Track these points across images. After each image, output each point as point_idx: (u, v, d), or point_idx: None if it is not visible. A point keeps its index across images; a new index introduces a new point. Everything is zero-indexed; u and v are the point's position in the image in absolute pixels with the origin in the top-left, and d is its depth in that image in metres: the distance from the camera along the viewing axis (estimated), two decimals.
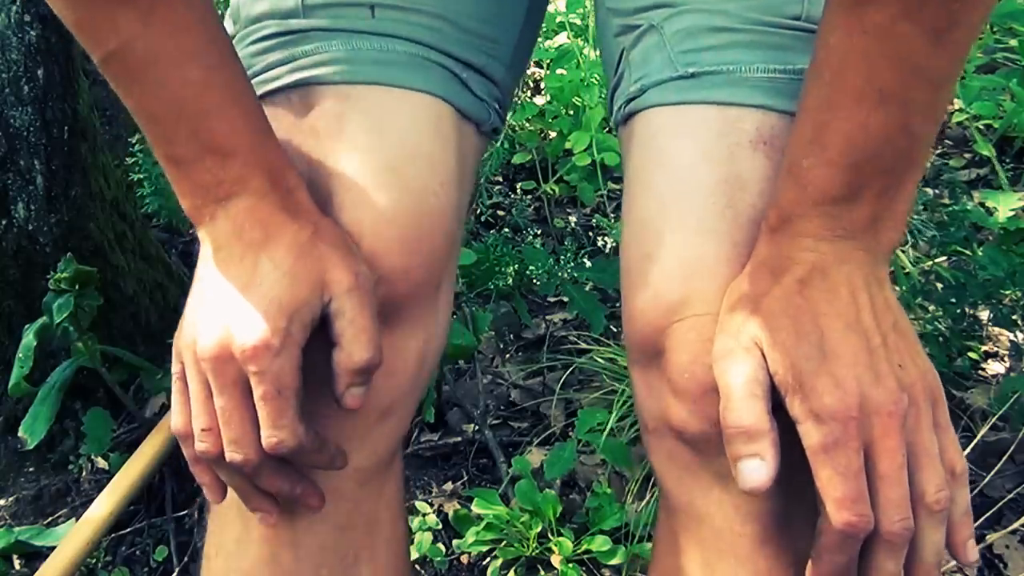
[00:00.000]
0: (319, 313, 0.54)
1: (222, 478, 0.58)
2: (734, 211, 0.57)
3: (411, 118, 0.62)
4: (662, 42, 0.63)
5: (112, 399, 1.21)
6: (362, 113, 0.61)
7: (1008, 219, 1.38)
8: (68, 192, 1.15)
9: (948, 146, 1.92)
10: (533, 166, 1.82)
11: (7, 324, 1.17)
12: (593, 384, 1.37)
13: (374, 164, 0.59)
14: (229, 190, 0.55)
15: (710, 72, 0.60)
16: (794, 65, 0.59)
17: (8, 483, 1.22)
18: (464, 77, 0.66)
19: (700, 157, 0.59)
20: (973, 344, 1.33)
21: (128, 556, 1.15)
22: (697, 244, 0.57)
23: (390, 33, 0.63)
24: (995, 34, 1.93)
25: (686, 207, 0.58)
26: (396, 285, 0.59)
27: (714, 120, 0.60)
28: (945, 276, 1.28)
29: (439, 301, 0.65)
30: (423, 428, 1.33)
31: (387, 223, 0.58)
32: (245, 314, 0.52)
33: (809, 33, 0.59)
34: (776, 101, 0.59)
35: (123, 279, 1.24)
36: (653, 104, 0.63)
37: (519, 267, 1.40)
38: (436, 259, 0.61)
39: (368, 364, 0.55)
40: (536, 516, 1.11)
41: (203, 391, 0.54)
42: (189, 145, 0.54)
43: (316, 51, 0.62)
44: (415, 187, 0.60)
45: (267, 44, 0.63)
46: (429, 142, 0.62)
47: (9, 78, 1.09)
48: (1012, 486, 1.15)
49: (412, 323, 0.62)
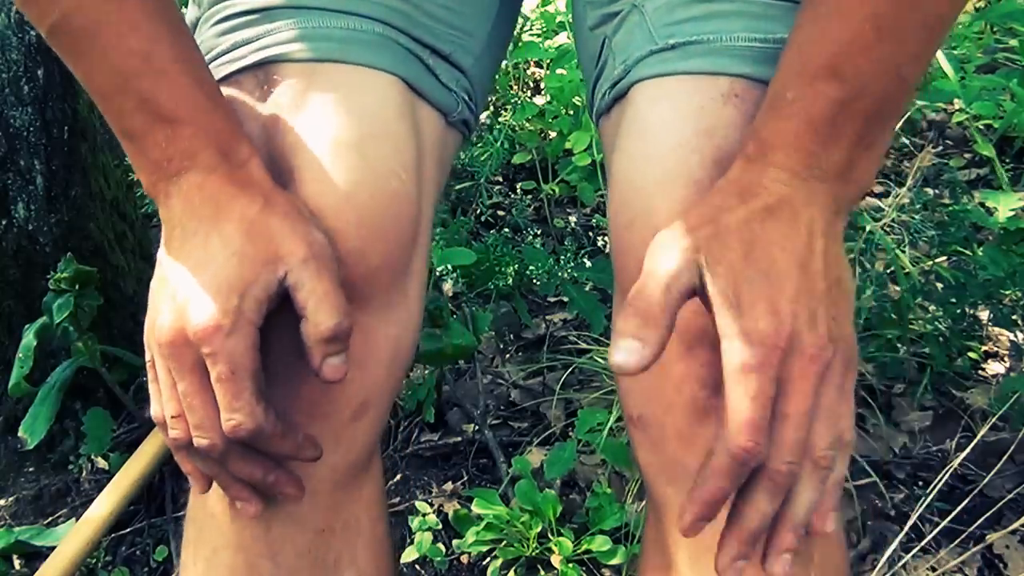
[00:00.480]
0: (275, 288, 0.53)
1: (199, 466, 0.58)
2: (699, 155, 0.57)
3: (377, 98, 0.61)
4: (643, 20, 0.63)
5: (112, 399, 1.21)
6: (326, 90, 0.60)
7: (1008, 219, 1.38)
8: (68, 192, 1.15)
9: (948, 146, 1.92)
10: (533, 166, 1.82)
11: (7, 324, 1.17)
12: (593, 384, 1.37)
13: (336, 141, 0.58)
14: (179, 165, 0.54)
15: (690, 42, 0.60)
16: (775, 34, 0.59)
17: (8, 483, 1.22)
18: (430, 63, 0.66)
19: (673, 116, 0.59)
20: (973, 344, 1.33)
21: (128, 556, 1.15)
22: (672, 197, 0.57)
23: (357, 12, 0.63)
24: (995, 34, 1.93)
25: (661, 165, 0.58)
26: (354, 267, 0.58)
27: (690, 83, 0.60)
28: (945, 276, 1.28)
29: (408, 289, 0.64)
30: (423, 428, 1.33)
31: (346, 202, 0.58)
32: (196, 295, 0.52)
33: (791, 3, 0.60)
34: (756, 69, 0.59)
35: (123, 279, 1.24)
36: (635, 80, 0.63)
37: (519, 267, 1.40)
38: (398, 243, 0.61)
39: (336, 329, 0.54)
40: (536, 516, 1.11)
41: (169, 378, 0.54)
42: (137, 117, 0.54)
43: (281, 29, 0.61)
44: (378, 168, 0.59)
45: (232, 23, 0.63)
46: (394, 123, 0.61)
47: (9, 78, 1.09)
48: (1012, 486, 1.15)
49: (378, 309, 0.61)
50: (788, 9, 0.59)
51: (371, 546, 0.66)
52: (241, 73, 0.62)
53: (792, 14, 0.58)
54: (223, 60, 0.63)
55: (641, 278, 0.51)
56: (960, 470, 1.17)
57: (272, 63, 0.61)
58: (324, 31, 0.61)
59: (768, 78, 0.58)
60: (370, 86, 0.61)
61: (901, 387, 1.32)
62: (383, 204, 0.59)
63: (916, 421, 1.27)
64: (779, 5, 0.60)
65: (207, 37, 0.64)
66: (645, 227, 0.58)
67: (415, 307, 0.65)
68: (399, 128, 0.62)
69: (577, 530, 1.13)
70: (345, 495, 0.63)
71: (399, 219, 0.60)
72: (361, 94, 0.61)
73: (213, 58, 0.63)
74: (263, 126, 0.60)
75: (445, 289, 1.48)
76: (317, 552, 0.62)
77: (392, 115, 0.62)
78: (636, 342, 0.49)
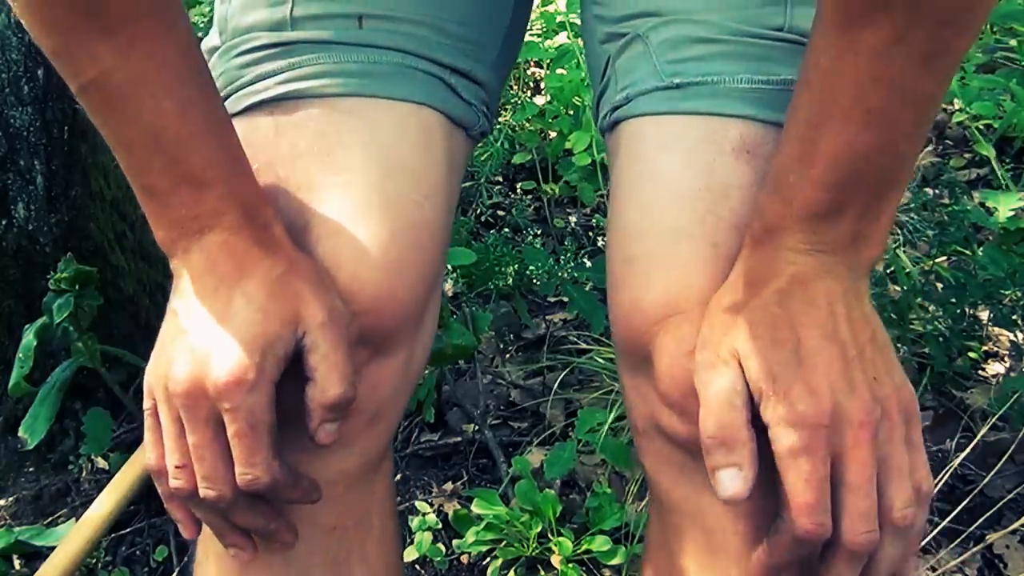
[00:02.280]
0: (292, 349, 0.54)
1: (196, 514, 0.58)
2: (715, 216, 0.57)
3: (397, 130, 0.62)
4: (648, 52, 0.64)
5: (112, 399, 1.21)
6: (345, 130, 0.60)
7: (1008, 219, 1.38)
8: (68, 192, 1.15)
9: (948, 146, 1.92)
10: (533, 166, 1.82)
11: (7, 324, 1.17)
12: (593, 384, 1.37)
13: (354, 185, 0.59)
14: (204, 224, 0.54)
15: (695, 83, 0.61)
16: (777, 76, 0.60)
17: (8, 483, 1.22)
18: (452, 83, 0.66)
19: (683, 165, 0.59)
20: (973, 344, 1.33)
21: (128, 556, 1.16)
22: (676, 248, 0.58)
23: (377, 44, 0.63)
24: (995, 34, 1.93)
25: (667, 214, 0.59)
26: (382, 312, 0.59)
27: (698, 130, 0.60)
28: (945, 276, 1.28)
29: (426, 314, 0.64)
30: (423, 428, 1.33)
31: (367, 253, 0.58)
32: (218, 349, 0.52)
33: (792, 44, 0.60)
34: (759, 111, 0.59)
35: (123, 279, 1.24)
36: (639, 113, 0.64)
37: (519, 267, 1.41)
38: (421, 275, 0.61)
39: (341, 399, 0.55)
40: (536, 516, 1.11)
41: (175, 427, 0.54)
42: (164, 176, 0.54)
43: (303, 63, 0.62)
44: (397, 203, 0.59)
45: (255, 56, 0.63)
46: (413, 155, 0.62)
47: (9, 78, 1.09)
48: (1012, 486, 1.15)
49: (399, 342, 0.62)
50: (790, 51, 0.60)
51: (381, 543, 0.67)
52: (261, 107, 0.62)
53: (793, 56, 0.58)
54: (244, 92, 0.63)
55: (702, 410, 0.52)
56: (960, 470, 1.17)
57: (292, 99, 0.62)
58: (343, 66, 0.62)
59: (772, 120, 0.59)
60: (392, 118, 0.62)
61: None
62: (404, 241, 0.59)
63: None
64: (780, 47, 0.60)
65: (229, 68, 0.64)
66: (644, 266, 0.59)
67: (431, 326, 0.66)
68: (418, 159, 0.62)
69: (577, 530, 1.13)
70: (357, 494, 0.64)
71: (420, 248, 0.61)
72: (381, 129, 0.61)
73: (234, 90, 0.63)
74: (279, 174, 0.60)
75: (445, 289, 1.49)
76: (328, 549, 0.63)
77: (412, 146, 0.62)
78: (735, 469, 0.51)
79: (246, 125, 0.61)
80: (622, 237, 0.62)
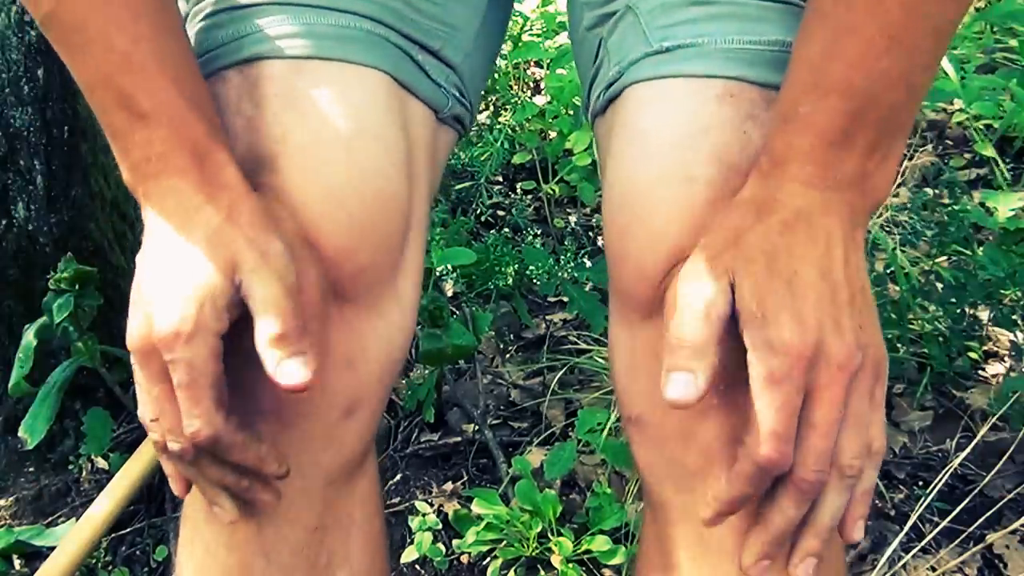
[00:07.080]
0: (234, 297, 0.53)
1: (179, 469, 0.58)
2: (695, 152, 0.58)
3: (365, 95, 0.61)
4: (638, 22, 0.64)
5: (112, 399, 1.21)
6: (314, 86, 0.60)
7: (1008, 219, 1.38)
8: (68, 192, 1.15)
9: (948, 146, 1.92)
10: (533, 166, 1.82)
11: (7, 324, 1.17)
12: (593, 384, 1.37)
13: (323, 137, 0.59)
14: (156, 167, 0.55)
15: (684, 45, 0.61)
16: (767, 36, 0.59)
17: (8, 483, 1.22)
18: (419, 60, 0.66)
19: (667, 117, 0.60)
20: (973, 344, 1.33)
21: (128, 556, 1.15)
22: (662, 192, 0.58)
23: (347, 9, 0.62)
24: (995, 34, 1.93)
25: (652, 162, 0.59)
26: (340, 265, 0.58)
27: (684, 85, 0.60)
28: (945, 276, 1.28)
29: (400, 289, 0.64)
30: (423, 428, 1.33)
31: (331, 199, 0.58)
32: (159, 303, 0.53)
33: (782, 4, 0.60)
34: (748, 71, 0.59)
35: (123, 279, 1.24)
36: (629, 83, 0.63)
37: (519, 267, 1.41)
38: (386, 242, 0.61)
39: (282, 332, 0.53)
40: (536, 516, 1.11)
41: (146, 382, 0.55)
42: (118, 114, 0.55)
43: (270, 25, 0.61)
44: (365, 165, 0.59)
45: (220, 19, 0.63)
46: (383, 121, 0.61)
47: (9, 78, 1.09)
48: (1012, 486, 1.15)
49: (367, 308, 0.61)
50: (781, 11, 0.60)
51: (366, 543, 0.66)
52: (228, 68, 0.62)
53: (785, 16, 0.58)
54: (210, 55, 0.62)
55: (677, 312, 0.52)
56: (960, 470, 1.17)
57: (260, 59, 0.61)
58: (313, 28, 0.61)
59: (761, 80, 0.58)
60: (358, 83, 0.61)
61: (901, 387, 1.32)
62: (370, 202, 0.59)
63: (916, 421, 1.27)
64: (772, 7, 0.60)
65: (195, 32, 0.64)
66: (641, 230, 0.58)
67: (409, 307, 0.65)
68: (388, 126, 0.62)
69: (577, 530, 1.13)
70: (338, 493, 0.63)
71: (387, 217, 0.60)
72: (349, 91, 0.61)
73: (200, 53, 0.63)
74: (248, 119, 0.60)
75: (445, 289, 1.49)
76: (310, 550, 0.62)
77: (381, 113, 0.62)
78: (688, 374, 0.50)
79: (218, 86, 0.61)
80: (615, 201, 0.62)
